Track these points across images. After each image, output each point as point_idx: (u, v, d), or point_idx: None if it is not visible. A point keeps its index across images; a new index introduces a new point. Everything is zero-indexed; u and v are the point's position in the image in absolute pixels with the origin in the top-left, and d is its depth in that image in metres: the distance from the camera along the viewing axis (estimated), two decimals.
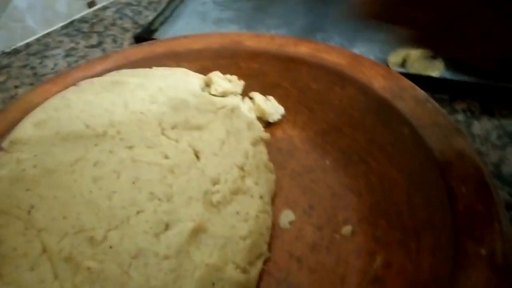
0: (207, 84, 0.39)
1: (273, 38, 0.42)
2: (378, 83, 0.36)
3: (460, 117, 0.42)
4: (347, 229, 0.31)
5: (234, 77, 0.40)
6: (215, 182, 0.30)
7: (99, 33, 0.62)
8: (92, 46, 0.59)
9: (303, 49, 0.40)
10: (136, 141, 0.30)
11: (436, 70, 0.46)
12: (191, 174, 0.30)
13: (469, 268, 0.22)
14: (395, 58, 0.47)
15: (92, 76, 0.39)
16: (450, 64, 0.46)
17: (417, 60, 0.46)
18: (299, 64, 0.40)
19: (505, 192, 0.35)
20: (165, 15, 0.62)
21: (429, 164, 0.29)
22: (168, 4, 0.64)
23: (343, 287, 0.28)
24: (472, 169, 0.27)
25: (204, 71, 0.42)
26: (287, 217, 0.33)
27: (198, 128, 0.33)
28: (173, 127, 0.33)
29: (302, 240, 0.31)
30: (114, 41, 0.60)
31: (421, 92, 0.34)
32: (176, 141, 0.32)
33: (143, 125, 0.32)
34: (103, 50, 0.58)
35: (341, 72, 0.38)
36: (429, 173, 0.29)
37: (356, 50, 0.51)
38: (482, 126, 0.41)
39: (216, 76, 0.39)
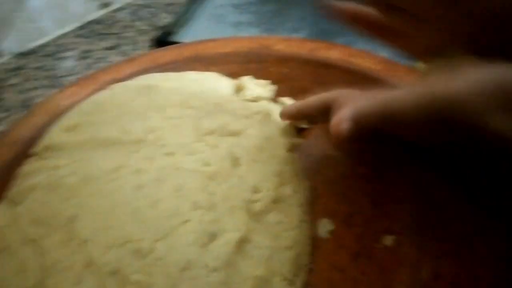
0: (239, 89, 0.39)
1: (303, 42, 0.42)
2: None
3: None
4: (389, 239, 0.30)
5: (266, 82, 0.39)
6: (256, 190, 0.29)
7: (115, 35, 0.61)
8: (109, 48, 0.58)
9: (335, 54, 0.40)
10: (176, 147, 0.30)
11: None
12: (232, 181, 0.29)
13: None
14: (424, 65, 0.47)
15: (121, 79, 0.38)
16: None
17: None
18: (330, 69, 0.40)
19: None
20: (183, 18, 0.61)
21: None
22: (186, 6, 0.63)
23: None
24: None
25: (232, 75, 0.41)
26: (325, 226, 0.32)
27: (235, 134, 0.33)
28: (211, 133, 0.32)
29: (343, 250, 0.30)
30: (132, 43, 0.59)
31: None
32: (215, 147, 0.31)
33: (181, 131, 0.31)
34: (122, 52, 0.57)
35: (376, 77, 0.37)
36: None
37: (382, 54, 0.50)
38: None
39: (248, 81, 0.39)
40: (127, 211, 0.25)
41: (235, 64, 0.42)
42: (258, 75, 0.41)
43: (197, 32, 0.59)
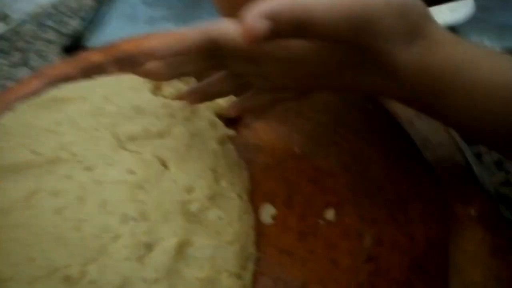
0: (157, 87, 0.37)
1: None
2: None
3: None
4: (330, 213, 0.31)
5: (186, 77, 0.38)
6: (189, 190, 0.28)
7: (21, 50, 0.56)
8: (16, 65, 0.53)
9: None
10: (95, 160, 0.28)
11: None
12: (162, 186, 0.28)
13: (463, 230, 0.23)
14: None
15: (28, 97, 0.35)
16: None
17: None
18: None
19: None
20: (93, 22, 0.57)
21: (400, 134, 0.30)
22: (94, 9, 0.60)
23: (337, 271, 0.28)
24: (444, 132, 0.28)
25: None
26: (268, 211, 0.32)
27: (160, 135, 0.31)
28: (132, 139, 0.30)
29: (288, 232, 0.30)
30: (40, 56, 0.54)
31: None
32: (139, 153, 0.29)
33: (98, 142, 0.29)
34: (31, 68, 0.53)
35: None
36: (402, 144, 0.29)
37: None
38: None
39: None
40: (49, 239, 0.23)
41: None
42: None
43: (109, 35, 0.56)
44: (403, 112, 0.30)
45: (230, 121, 0.38)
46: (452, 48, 0.23)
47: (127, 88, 0.35)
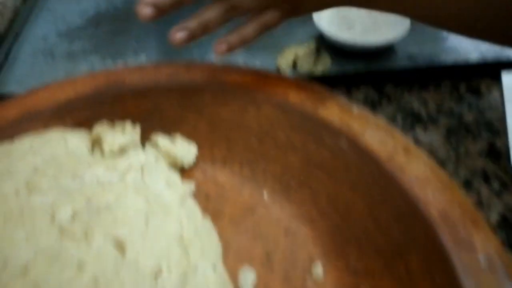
0: (96, 142, 0.31)
1: (158, 68, 0.36)
2: (294, 95, 0.32)
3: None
4: (317, 268, 0.27)
5: (127, 124, 0.33)
6: (157, 273, 0.23)
7: None
8: None
9: (198, 74, 0.35)
10: (30, 259, 0.21)
11: (325, 63, 0.45)
12: (122, 276, 0.22)
13: (472, 279, 0.21)
14: (284, 60, 0.45)
15: None
16: (335, 55, 0.46)
17: (305, 57, 0.45)
18: (199, 91, 0.35)
19: None
20: (1, 61, 0.49)
21: (380, 173, 0.27)
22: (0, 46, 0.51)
23: None
24: (426, 167, 0.27)
25: (82, 125, 0.33)
26: (246, 276, 0.28)
27: (107, 207, 0.26)
28: (73, 217, 0.25)
29: None
30: None
31: (342, 98, 0.32)
32: (85, 236, 0.23)
33: (33, 232, 0.23)
34: None
35: (252, 91, 0.34)
36: (385, 183, 0.27)
37: (240, 60, 0.47)
38: (385, 112, 0.42)
39: (103, 129, 0.31)
40: None
41: (83, 111, 0.34)
42: (117, 116, 0.34)
43: (23, 76, 0.48)
44: (382, 149, 0.27)
45: (186, 172, 0.34)
46: None
47: (60, 150, 0.29)
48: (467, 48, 0.46)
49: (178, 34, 0.30)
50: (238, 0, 0.30)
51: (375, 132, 0.29)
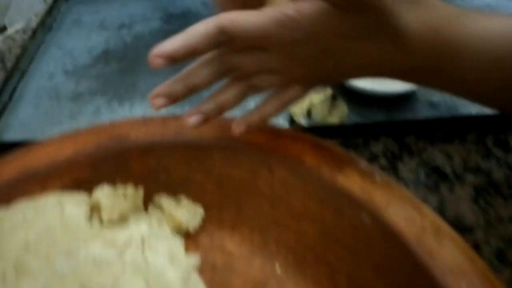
0: (95, 208, 0.29)
1: (165, 122, 0.34)
2: (310, 158, 0.30)
3: (383, 161, 0.39)
4: None
5: (129, 188, 0.30)
6: None
7: None
8: None
9: (207, 131, 0.33)
10: None
11: (341, 112, 0.43)
12: None
13: None
14: (298, 108, 0.43)
15: None
16: (352, 103, 0.44)
17: (320, 104, 0.43)
18: (207, 150, 0.32)
19: None
20: (2, 101, 0.47)
21: (407, 257, 0.24)
22: (3, 84, 0.50)
23: None
24: (460, 253, 0.24)
25: (82, 185, 0.31)
26: None
27: None
28: None
29: None
30: None
31: (362, 162, 0.29)
32: None
33: None
34: None
35: (264, 152, 0.31)
36: (412, 270, 0.24)
37: (252, 105, 0.45)
38: (407, 167, 0.39)
39: (104, 194, 0.29)
40: None
41: (83, 170, 0.32)
42: (119, 176, 0.32)
43: (26, 118, 0.46)
44: (409, 228, 0.25)
45: (191, 236, 0.31)
46: (456, 11, 0.24)
47: (54, 221, 0.27)
48: None
49: (193, 118, 0.28)
50: (259, 79, 0.28)
51: (401, 207, 0.26)
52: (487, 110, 0.42)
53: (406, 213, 0.26)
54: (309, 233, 0.29)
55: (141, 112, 0.46)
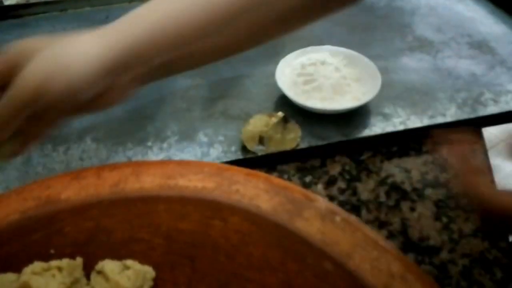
0: None
1: (100, 175, 0.30)
2: (265, 203, 0.28)
3: (341, 184, 0.38)
4: None
5: (64, 260, 0.27)
6: None
7: None
8: None
9: (149, 180, 0.30)
10: None
11: (295, 133, 0.41)
12: None
13: None
14: (250, 135, 0.40)
15: None
16: (303, 121, 0.42)
17: (273, 129, 0.41)
18: (151, 204, 0.29)
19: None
20: None
21: None
22: None
23: None
24: None
25: (10, 261, 0.27)
26: None
27: None
28: None
29: None
30: None
31: (321, 202, 0.27)
32: None
33: None
34: None
35: (213, 201, 0.28)
36: None
37: (202, 136, 0.42)
38: (366, 187, 0.37)
39: (34, 273, 0.25)
40: None
41: (8, 244, 0.27)
42: (51, 244, 0.28)
43: None
44: (376, 277, 0.23)
45: None
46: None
47: None
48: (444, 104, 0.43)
49: None
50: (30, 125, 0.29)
51: (365, 252, 0.24)
52: (439, 119, 0.42)
53: (372, 259, 0.24)
54: (271, 284, 0.27)
55: (79, 154, 0.42)
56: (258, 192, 0.28)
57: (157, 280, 0.29)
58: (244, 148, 0.40)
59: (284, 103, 0.44)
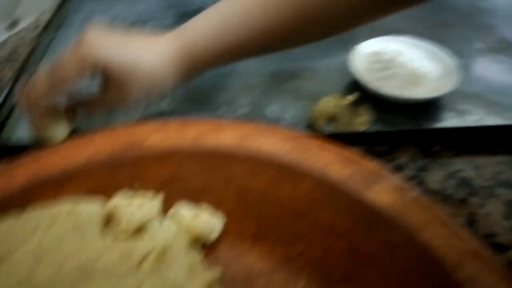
0: (111, 217, 0.27)
1: (182, 127, 0.32)
2: (336, 171, 0.28)
3: (409, 172, 0.38)
4: None
5: (146, 197, 0.29)
6: None
7: None
8: None
9: (226, 138, 0.31)
10: None
11: (365, 119, 0.41)
12: None
13: None
14: (319, 114, 0.41)
15: None
16: (376, 108, 0.42)
17: (343, 111, 0.41)
18: (226, 159, 0.31)
19: None
20: (11, 101, 0.46)
21: (444, 281, 0.23)
22: (13, 83, 0.48)
23: None
24: (503, 282, 0.22)
25: (97, 192, 0.30)
26: None
27: None
28: None
29: None
30: None
31: (394, 178, 0.27)
32: None
33: None
34: None
35: (286, 163, 0.30)
36: None
37: (268, 113, 0.44)
38: (435, 177, 0.37)
39: (120, 203, 0.28)
40: None
41: (97, 177, 0.30)
42: (134, 184, 0.30)
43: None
44: (449, 254, 0.23)
45: (210, 246, 0.30)
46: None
47: (65, 231, 0.25)
48: None
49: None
50: None
51: (438, 229, 0.24)
52: None
53: (444, 236, 0.24)
54: (336, 249, 0.27)
55: (155, 112, 0.44)
56: (330, 161, 0.29)
57: (225, 229, 0.30)
58: (310, 128, 0.41)
59: (355, 88, 0.44)
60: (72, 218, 0.26)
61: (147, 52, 0.34)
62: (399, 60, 0.45)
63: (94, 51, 0.32)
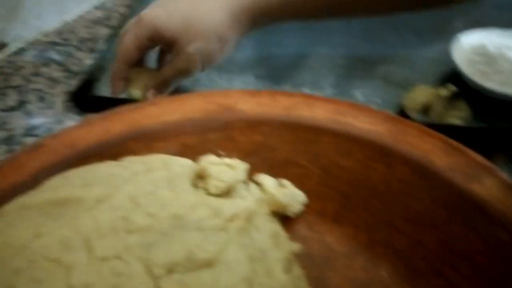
0: (201, 177, 0.28)
1: (275, 97, 0.32)
2: (440, 160, 0.26)
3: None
4: None
5: (236, 161, 0.29)
6: None
7: (17, 89, 0.46)
8: (11, 109, 0.44)
9: (320, 112, 0.30)
10: None
11: (462, 113, 0.38)
12: None
13: None
14: (412, 101, 0.39)
15: (17, 186, 0.25)
16: (475, 105, 0.39)
17: (438, 102, 0.38)
18: (317, 134, 0.30)
19: None
20: (107, 57, 0.48)
21: None
22: (109, 41, 0.51)
23: None
24: None
25: (187, 151, 0.30)
26: None
27: (208, 264, 0.22)
28: (170, 271, 0.21)
29: None
30: (41, 98, 0.45)
31: (502, 173, 0.25)
32: None
33: (124, 282, 0.20)
34: (27, 113, 0.43)
35: (382, 144, 0.28)
36: None
37: (358, 95, 0.42)
38: None
39: (211, 163, 0.28)
40: None
41: (189, 136, 0.31)
42: (222, 147, 0.30)
43: None
44: None
45: (289, 222, 0.29)
46: None
47: (160, 180, 0.26)
48: None
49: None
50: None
51: None
52: None
53: None
54: (426, 240, 0.26)
55: (240, 86, 0.45)
56: (433, 148, 0.27)
57: (307, 206, 0.30)
58: (401, 114, 0.39)
59: (451, 79, 0.41)
60: (167, 168, 0.27)
61: (201, 9, 0.36)
62: (508, 55, 0.41)
63: (147, 22, 0.36)
